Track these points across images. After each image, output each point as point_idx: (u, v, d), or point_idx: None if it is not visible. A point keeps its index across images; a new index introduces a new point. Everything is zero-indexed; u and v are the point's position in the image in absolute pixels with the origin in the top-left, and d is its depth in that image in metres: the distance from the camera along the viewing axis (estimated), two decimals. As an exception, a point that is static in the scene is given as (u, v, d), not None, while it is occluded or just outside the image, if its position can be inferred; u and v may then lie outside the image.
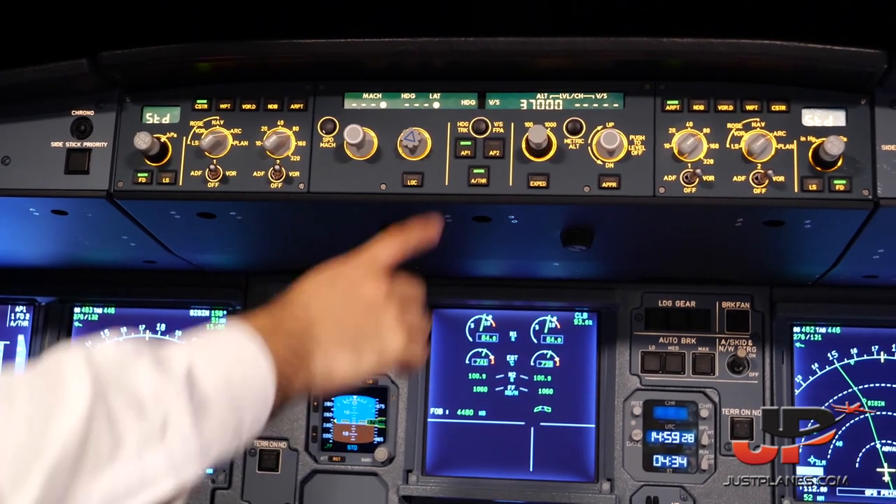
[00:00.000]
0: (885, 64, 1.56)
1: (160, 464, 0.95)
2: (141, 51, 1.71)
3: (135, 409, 0.95)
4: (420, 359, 1.42)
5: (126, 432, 0.93)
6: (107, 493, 0.90)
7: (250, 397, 1.10)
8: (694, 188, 1.65)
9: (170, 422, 0.97)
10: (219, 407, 1.05)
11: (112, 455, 0.91)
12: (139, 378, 0.98)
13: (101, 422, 0.91)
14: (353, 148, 1.71)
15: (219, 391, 1.05)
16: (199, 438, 1.00)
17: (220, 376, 1.07)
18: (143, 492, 0.93)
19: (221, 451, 1.06)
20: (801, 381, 2.32)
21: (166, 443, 0.96)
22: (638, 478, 2.31)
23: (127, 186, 1.77)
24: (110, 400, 0.93)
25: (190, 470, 0.99)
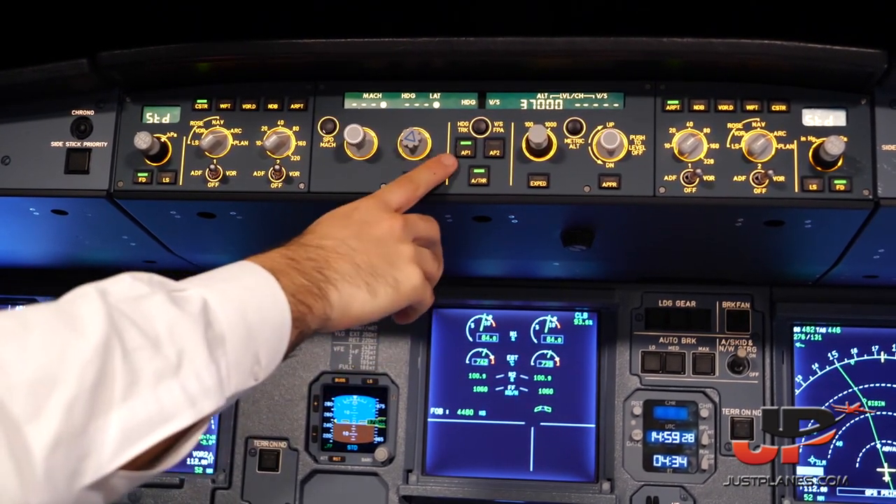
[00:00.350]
0: (885, 64, 1.56)
1: (177, 398, 0.95)
2: (141, 51, 1.71)
3: (150, 344, 0.94)
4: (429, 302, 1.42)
5: (142, 367, 0.92)
6: (125, 426, 0.89)
7: (266, 333, 1.09)
8: (694, 188, 1.65)
9: (185, 356, 0.97)
10: (234, 342, 1.04)
11: (129, 389, 0.90)
12: (154, 313, 0.98)
13: (117, 357, 0.90)
14: (354, 148, 1.71)
15: (234, 326, 1.05)
16: (215, 373, 1.00)
17: (236, 312, 1.06)
18: (162, 426, 0.93)
19: (238, 386, 1.06)
20: (802, 381, 2.32)
21: (181, 377, 0.96)
22: (638, 478, 2.31)
23: (127, 186, 1.77)
24: (125, 335, 0.93)
25: (207, 404, 0.98)
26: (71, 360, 0.87)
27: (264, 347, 1.09)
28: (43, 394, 0.84)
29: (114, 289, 1.00)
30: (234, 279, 1.12)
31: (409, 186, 1.51)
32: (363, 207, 1.39)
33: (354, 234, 1.32)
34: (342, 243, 1.30)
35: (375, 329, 2.45)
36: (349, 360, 2.45)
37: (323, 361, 2.45)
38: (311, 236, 1.32)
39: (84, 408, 0.86)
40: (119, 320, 0.94)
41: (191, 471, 2.45)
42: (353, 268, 1.27)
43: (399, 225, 1.37)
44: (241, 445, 2.44)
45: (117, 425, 0.89)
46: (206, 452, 2.46)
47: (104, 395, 0.88)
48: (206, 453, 2.46)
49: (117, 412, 0.89)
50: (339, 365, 2.45)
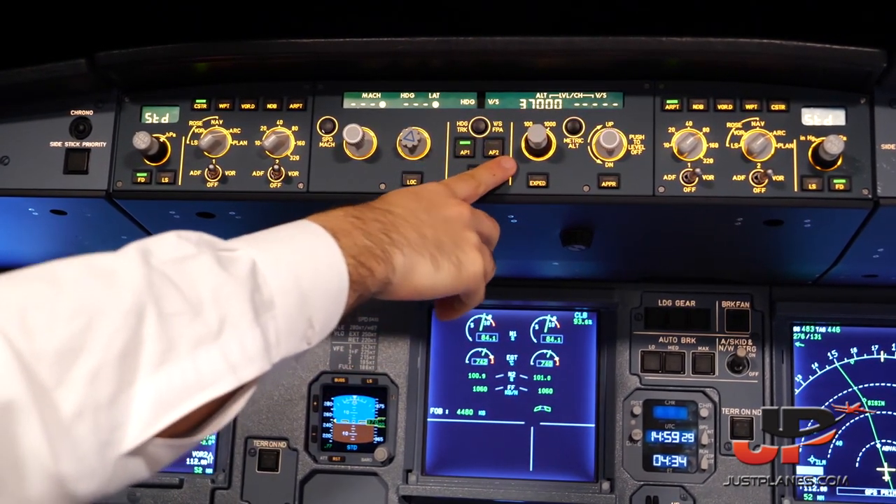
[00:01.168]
0: (884, 63, 1.56)
1: (217, 364, 0.91)
2: (139, 51, 1.71)
3: (190, 308, 0.91)
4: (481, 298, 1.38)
5: (179, 333, 0.89)
6: (159, 394, 0.87)
7: (321, 296, 1.05)
8: (693, 187, 1.65)
9: (227, 321, 0.93)
10: (285, 305, 1.00)
11: (163, 356, 0.87)
12: (197, 276, 0.94)
13: (151, 322, 0.87)
14: (353, 147, 1.71)
15: (285, 289, 1.01)
16: (260, 338, 0.96)
17: (288, 274, 1.02)
18: (199, 392, 0.90)
19: (289, 350, 1.02)
20: (801, 380, 2.32)
21: (222, 342, 0.92)
22: (638, 477, 2.31)
23: (126, 186, 1.77)
24: (163, 300, 0.89)
25: (249, 370, 0.94)
26: (98, 327, 0.84)
27: (319, 311, 1.05)
28: (68, 362, 0.81)
29: (157, 248, 0.96)
30: (289, 239, 1.08)
31: (472, 182, 1.49)
32: (432, 189, 1.36)
33: (425, 208, 1.29)
34: (412, 213, 1.27)
35: (375, 329, 2.45)
36: (349, 360, 2.45)
37: (322, 361, 2.45)
38: (380, 202, 1.29)
39: (111, 376, 0.83)
40: (158, 283, 0.90)
41: (190, 471, 2.45)
42: (419, 237, 1.23)
43: (467, 212, 1.35)
44: (240, 445, 2.44)
45: (150, 393, 0.86)
46: (205, 452, 2.46)
47: (135, 362, 0.86)
48: (205, 453, 2.46)
49: (150, 379, 0.86)
50: (339, 365, 2.45)
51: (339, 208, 1.20)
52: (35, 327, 0.81)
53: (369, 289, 1.14)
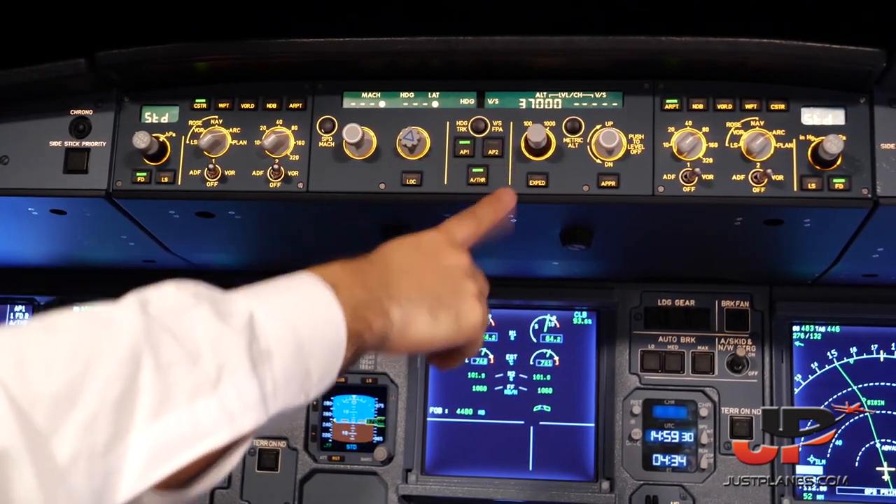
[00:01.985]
0: (883, 62, 1.56)
1: (214, 414, 0.90)
2: (138, 50, 1.71)
3: (188, 358, 0.91)
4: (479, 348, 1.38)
5: (176, 382, 0.88)
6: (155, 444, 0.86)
7: (319, 348, 1.05)
8: (693, 187, 1.65)
9: (225, 371, 0.92)
10: (283, 357, 1.00)
11: (160, 405, 0.87)
12: (196, 326, 0.94)
13: (147, 371, 0.87)
14: (352, 147, 1.71)
15: (283, 341, 1.00)
16: (258, 388, 0.95)
17: (285, 326, 1.01)
18: (196, 443, 0.88)
19: (287, 402, 1.01)
20: (801, 380, 2.32)
21: (220, 392, 0.91)
22: (637, 477, 2.31)
23: (126, 186, 1.77)
24: (161, 349, 0.89)
25: (247, 421, 0.93)
26: (95, 374, 0.83)
27: (316, 364, 1.04)
28: (64, 409, 0.81)
29: (156, 298, 0.95)
30: (286, 292, 1.07)
31: (473, 222, 1.46)
32: (431, 238, 1.36)
33: (423, 260, 1.28)
34: (410, 265, 1.26)
35: (374, 328, 2.45)
36: (348, 360, 2.44)
37: (322, 361, 2.45)
38: (378, 255, 1.28)
39: (107, 425, 0.83)
40: (156, 332, 0.90)
41: (190, 470, 2.44)
42: (418, 290, 1.22)
43: (467, 260, 1.34)
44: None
45: (146, 443, 0.85)
46: (205, 452, 2.45)
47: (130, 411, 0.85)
48: (205, 453, 2.45)
49: (147, 429, 0.85)
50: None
51: (337, 262, 1.20)
52: (31, 372, 0.81)
53: (367, 342, 1.14)
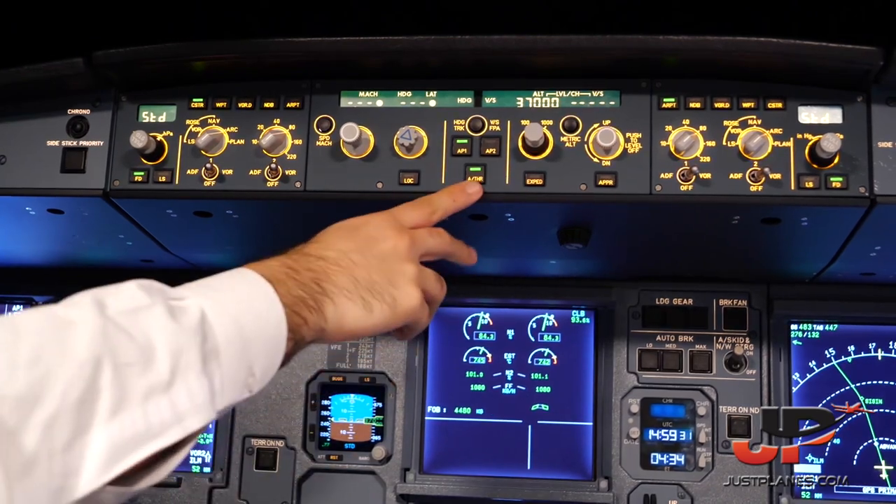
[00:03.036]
0: (881, 61, 1.56)
1: (165, 415, 0.94)
2: (136, 50, 1.70)
3: (143, 359, 0.94)
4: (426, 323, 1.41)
5: (132, 383, 0.92)
6: (112, 443, 0.89)
7: (262, 344, 1.08)
8: (690, 186, 1.65)
9: (178, 371, 0.96)
10: (230, 354, 1.04)
11: (117, 406, 0.90)
12: (151, 326, 0.97)
13: (106, 373, 0.90)
14: (350, 146, 1.71)
15: (230, 338, 1.04)
16: (207, 387, 0.99)
17: (232, 323, 1.05)
18: (149, 443, 0.93)
19: (232, 398, 1.05)
20: (799, 378, 2.32)
21: (172, 393, 0.95)
22: (636, 476, 2.31)
23: (123, 185, 1.77)
24: (118, 350, 0.92)
25: (195, 420, 0.98)
26: (56, 376, 0.87)
27: (260, 359, 1.08)
28: (28, 408, 0.84)
29: (113, 300, 0.99)
30: (232, 288, 1.11)
31: (426, 209, 1.49)
32: (373, 223, 1.38)
33: (358, 248, 1.31)
34: (344, 256, 1.29)
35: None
36: (346, 359, 2.45)
37: (320, 360, 2.45)
38: (314, 246, 1.31)
39: (68, 424, 0.86)
40: (113, 335, 0.93)
41: (188, 470, 2.45)
42: (351, 282, 1.26)
43: (405, 243, 1.36)
44: (238, 444, 2.44)
45: (104, 442, 0.89)
46: (203, 451, 2.46)
47: (90, 411, 0.88)
48: (203, 452, 2.46)
49: (104, 429, 0.89)
50: (337, 363, 2.45)
51: (274, 257, 1.23)
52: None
53: (304, 337, 1.18)
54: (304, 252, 1.27)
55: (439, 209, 1.52)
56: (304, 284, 1.19)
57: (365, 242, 1.33)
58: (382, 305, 1.29)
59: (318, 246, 1.30)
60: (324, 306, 1.20)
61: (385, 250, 1.33)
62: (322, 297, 1.21)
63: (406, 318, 1.33)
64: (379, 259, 1.32)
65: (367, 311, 1.26)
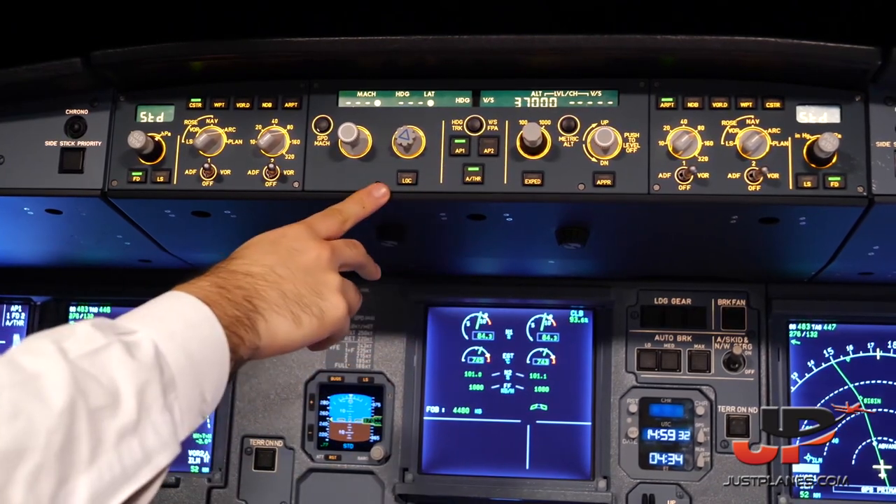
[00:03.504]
0: (878, 60, 1.56)
1: (137, 456, 0.95)
2: (134, 50, 1.70)
3: (111, 401, 0.94)
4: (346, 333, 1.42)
5: (105, 428, 0.92)
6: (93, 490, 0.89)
7: (209, 370, 1.09)
8: (688, 185, 1.65)
9: (143, 409, 0.97)
10: (184, 383, 1.04)
11: (94, 451, 0.90)
12: (112, 366, 0.97)
13: (82, 418, 0.90)
14: (348, 146, 1.71)
15: (182, 368, 1.05)
16: (170, 422, 1.00)
17: (182, 352, 1.06)
18: (125, 486, 0.93)
19: (190, 427, 1.06)
20: (797, 378, 2.32)
21: (140, 432, 0.96)
22: (634, 475, 2.31)
23: (121, 185, 1.77)
24: (89, 394, 0.92)
25: (163, 457, 0.98)
26: (37, 428, 0.86)
27: (209, 383, 1.09)
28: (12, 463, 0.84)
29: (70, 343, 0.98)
30: (175, 315, 1.11)
31: (337, 218, 1.50)
32: (291, 234, 1.38)
33: (282, 261, 1.31)
34: (270, 271, 1.29)
35: (371, 327, 2.45)
36: (345, 359, 2.45)
37: (319, 360, 2.45)
38: (239, 262, 1.30)
39: (51, 476, 0.86)
40: (81, 379, 0.93)
41: (187, 470, 2.44)
42: (280, 296, 1.27)
43: (326, 254, 1.37)
44: (236, 444, 2.43)
45: (85, 490, 0.89)
46: (202, 451, 2.46)
47: (70, 460, 0.88)
48: (202, 452, 2.46)
49: (85, 476, 0.89)
50: (335, 363, 2.45)
51: (202, 277, 1.23)
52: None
53: (242, 356, 1.19)
54: (230, 269, 1.27)
55: (350, 217, 1.53)
56: (237, 303, 1.19)
57: (288, 255, 1.33)
58: (311, 318, 1.29)
59: (242, 262, 1.29)
60: (256, 323, 1.21)
61: (308, 262, 1.34)
62: (254, 315, 1.21)
63: (332, 328, 1.34)
64: (303, 271, 1.32)
65: (297, 324, 1.27)
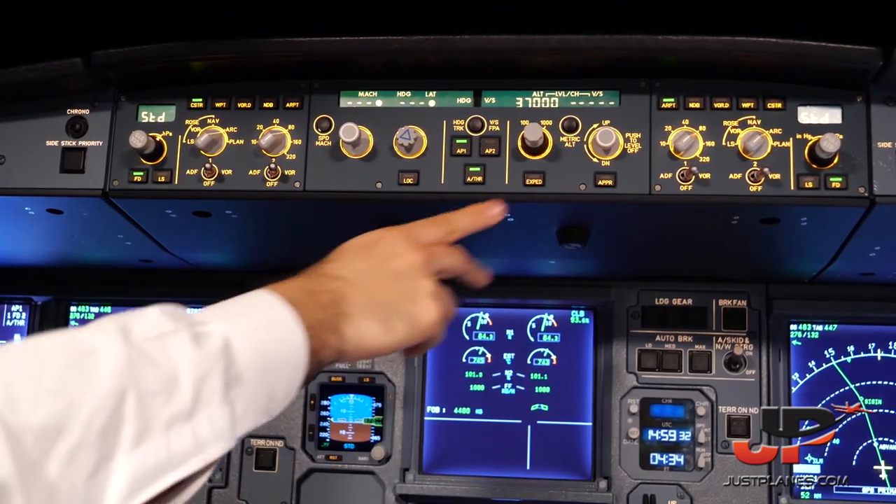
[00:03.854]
0: (880, 61, 1.56)
1: (187, 444, 0.94)
2: (135, 50, 1.70)
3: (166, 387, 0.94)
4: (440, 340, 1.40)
5: (155, 412, 0.92)
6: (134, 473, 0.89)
7: (283, 369, 1.08)
8: (690, 186, 1.65)
9: (201, 399, 0.96)
10: (252, 380, 1.03)
11: (140, 435, 0.90)
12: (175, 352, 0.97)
13: (130, 402, 0.90)
14: (349, 146, 1.71)
15: (253, 365, 1.04)
16: (228, 415, 0.99)
17: (256, 349, 1.05)
18: (171, 472, 0.92)
19: (252, 424, 1.05)
20: (798, 378, 2.32)
21: (194, 422, 0.95)
22: (635, 476, 2.31)
23: (122, 185, 1.77)
24: (142, 379, 0.92)
25: (216, 449, 0.97)
26: (79, 406, 0.86)
27: (281, 384, 1.08)
28: (51, 439, 0.84)
29: (136, 325, 0.98)
30: (254, 313, 1.10)
31: (442, 228, 1.44)
32: (388, 239, 1.36)
33: (375, 267, 1.30)
34: (361, 275, 1.27)
35: (372, 328, 2.45)
36: (346, 359, 2.44)
37: (319, 360, 2.45)
38: (330, 266, 1.29)
39: (90, 455, 0.86)
40: (138, 364, 0.93)
41: (187, 470, 2.44)
42: (369, 302, 1.24)
43: (422, 259, 1.35)
44: (237, 444, 2.43)
45: (126, 472, 0.89)
46: (202, 452, 2.45)
47: (113, 441, 0.88)
48: (202, 452, 2.45)
49: (127, 459, 0.89)
50: (336, 364, 2.44)
51: (293, 279, 1.22)
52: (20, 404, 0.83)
53: (323, 360, 1.18)
54: (321, 273, 1.26)
55: (458, 230, 1.46)
56: (324, 306, 1.18)
57: (381, 260, 1.32)
58: (402, 324, 1.27)
59: (334, 266, 1.29)
60: (343, 327, 1.19)
61: (402, 267, 1.32)
62: (341, 319, 1.20)
63: (424, 334, 1.32)
64: (396, 277, 1.30)
65: (386, 329, 1.25)
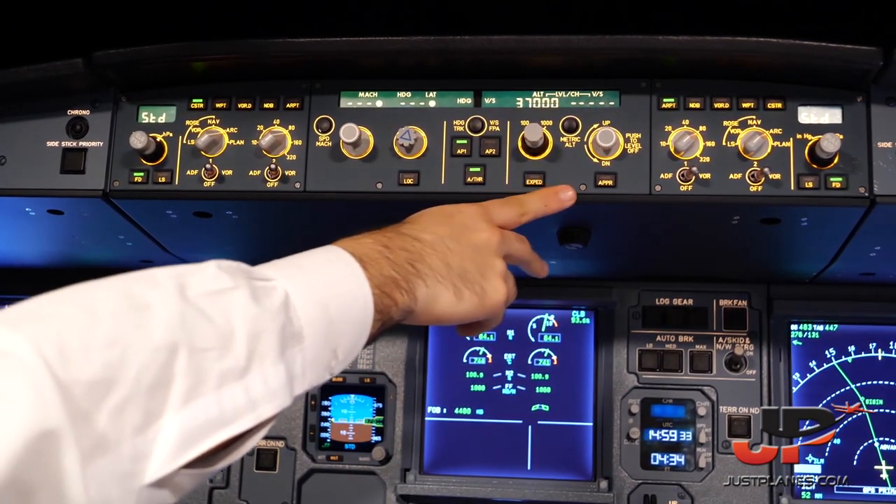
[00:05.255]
0: (880, 61, 1.56)
1: (239, 402, 0.93)
2: (135, 50, 1.71)
3: (220, 344, 0.93)
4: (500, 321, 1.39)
5: (207, 368, 0.91)
6: (184, 429, 0.88)
7: (347, 327, 1.07)
8: (690, 186, 1.65)
9: (255, 357, 0.95)
10: (313, 338, 1.02)
11: (191, 392, 0.89)
12: (232, 308, 0.95)
13: (181, 358, 0.89)
14: (349, 147, 1.71)
15: (315, 322, 1.03)
16: (284, 373, 0.98)
17: (318, 306, 1.04)
18: (222, 429, 0.91)
19: (313, 381, 1.04)
20: (799, 378, 2.32)
21: (247, 380, 0.94)
22: (636, 476, 2.31)
23: (123, 186, 1.77)
24: (195, 335, 0.91)
25: (269, 408, 0.96)
26: (130, 360, 0.85)
27: (344, 341, 1.07)
28: (101, 392, 0.82)
29: (195, 281, 0.97)
30: (320, 269, 1.09)
31: (516, 209, 1.45)
32: (467, 212, 1.36)
33: (453, 235, 1.30)
34: (440, 240, 1.27)
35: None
36: (346, 360, 2.44)
37: (320, 361, 2.45)
38: (410, 226, 1.29)
39: (139, 410, 0.85)
40: (192, 320, 0.91)
41: (188, 470, 2.44)
42: (445, 267, 1.25)
43: (497, 238, 1.35)
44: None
45: (175, 428, 0.87)
46: (203, 452, 2.45)
47: (163, 397, 0.87)
48: (203, 453, 2.45)
49: (177, 415, 0.88)
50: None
51: (368, 234, 1.21)
52: (71, 355, 0.82)
53: (392, 318, 1.17)
54: (400, 231, 1.26)
55: (529, 211, 1.47)
56: (398, 264, 1.17)
57: (460, 230, 1.31)
58: (472, 295, 1.27)
59: (413, 227, 1.28)
60: (416, 288, 1.19)
61: (478, 241, 1.32)
62: (415, 279, 1.19)
63: (490, 311, 1.31)
64: (473, 249, 1.30)
65: (458, 297, 1.25)
